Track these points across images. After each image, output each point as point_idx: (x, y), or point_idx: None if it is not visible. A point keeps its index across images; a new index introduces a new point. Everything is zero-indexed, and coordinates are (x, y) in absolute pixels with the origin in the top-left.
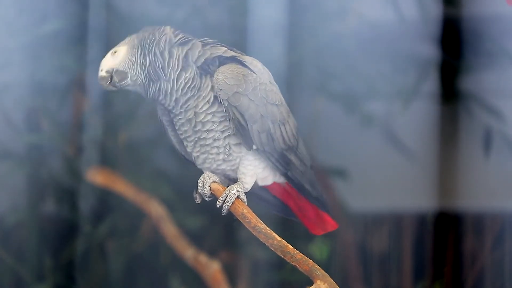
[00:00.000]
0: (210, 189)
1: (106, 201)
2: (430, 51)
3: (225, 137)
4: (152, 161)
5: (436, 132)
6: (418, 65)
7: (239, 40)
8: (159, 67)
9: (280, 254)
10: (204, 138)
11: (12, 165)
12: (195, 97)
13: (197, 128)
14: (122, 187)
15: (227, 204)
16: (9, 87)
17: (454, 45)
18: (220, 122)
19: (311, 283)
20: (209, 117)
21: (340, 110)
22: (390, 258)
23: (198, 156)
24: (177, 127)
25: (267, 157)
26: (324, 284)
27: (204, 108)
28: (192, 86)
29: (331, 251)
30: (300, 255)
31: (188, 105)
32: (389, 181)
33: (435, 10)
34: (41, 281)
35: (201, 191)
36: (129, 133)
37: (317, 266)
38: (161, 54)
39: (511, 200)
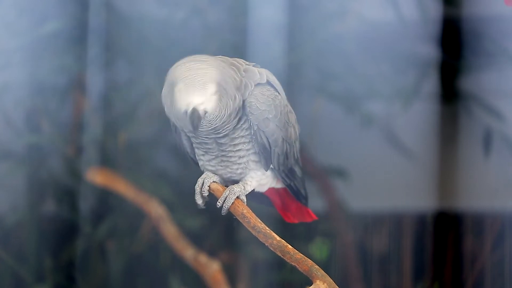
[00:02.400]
0: (209, 189)
1: (106, 201)
2: (430, 51)
3: (249, 155)
4: (152, 162)
5: (436, 132)
6: (418, 65)
7: (239, 40)
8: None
9: (280, 254)
10: (230, 157)
11: (12, 165)
12: (236, 125)
13: (228, 149)
14: (122, 187)
15: (227, 204)
16: (9, 87)
17: (454, 45)
18: (249, 142)
19: (311, 283)
20: (242, 139)
21: (340, 110)
22: (390, 258)
23: (213, 167)
24: (196, 143)
25: (279, 173)
26: (323, 284)
27: (241, 134)
28: (237, 117)
29: (331, 251)
30: (299, 255)
31: (226, 133)
32: (389, 181)
33: (435, 10)
34: (41, 281)
35: (200, 189)
36: (129, 133)
37: (317, 266)
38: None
39: (511, 200)
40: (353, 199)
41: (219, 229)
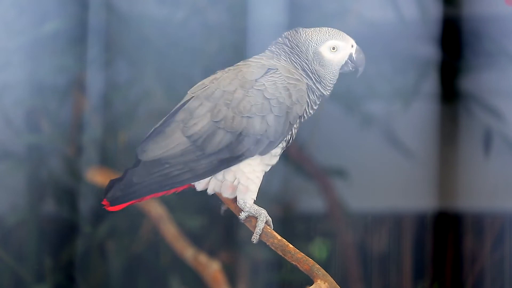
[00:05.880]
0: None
1: None
2: (430, 51)
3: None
4: None
5: (436, 132)
6: (418, 65)
7: (239, 40)
8: None
9: (281, 253)
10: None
11: (12, 165)
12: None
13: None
14: None
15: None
16: (9, 87)
17: (454, 45)
18: None
19: (311, 283)
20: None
21: (340, 110)
22: (390, 258)
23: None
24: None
25: None
26: (324, 283)
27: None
28: None
29: (331, 251)
30: (300, 254)
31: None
32: (389, 181)
33: (435, 10)
34: (41, 281)
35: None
36: (129, 133)
37: (318, 266)
38: None
39: (511, 200)
40: (353, 199)
41: (219, 229)
